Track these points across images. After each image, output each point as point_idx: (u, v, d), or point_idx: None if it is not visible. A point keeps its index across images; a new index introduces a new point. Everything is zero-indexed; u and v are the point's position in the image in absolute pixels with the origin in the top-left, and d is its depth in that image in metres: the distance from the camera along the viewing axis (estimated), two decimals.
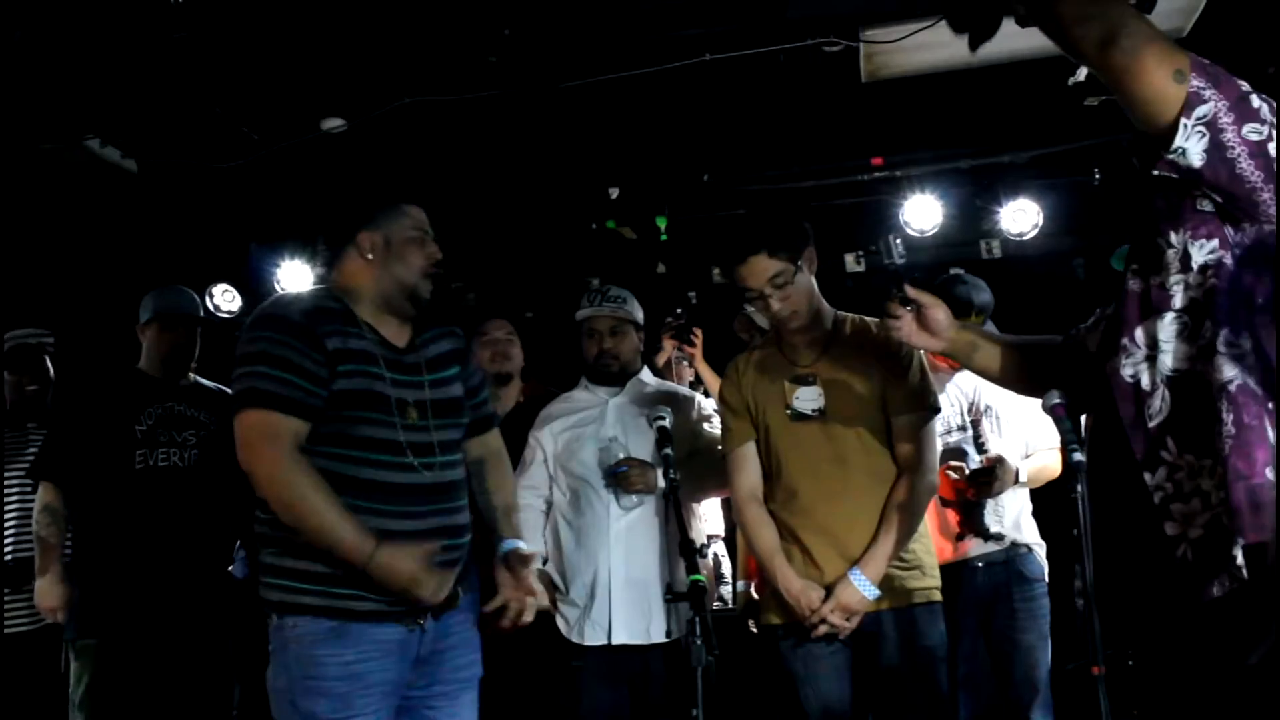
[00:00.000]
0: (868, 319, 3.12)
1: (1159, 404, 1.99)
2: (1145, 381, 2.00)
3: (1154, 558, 1.99)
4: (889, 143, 5.30)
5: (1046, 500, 3.80)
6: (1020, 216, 5.39)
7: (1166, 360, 1.97)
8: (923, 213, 5.38)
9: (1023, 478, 3.73)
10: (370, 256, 2.66)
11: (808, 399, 3.03)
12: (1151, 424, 1.99)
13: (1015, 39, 4.15)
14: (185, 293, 4.08)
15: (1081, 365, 2.30)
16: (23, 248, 5.28)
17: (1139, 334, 2.02)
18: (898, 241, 2.50)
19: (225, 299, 5.81)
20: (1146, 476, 1.99)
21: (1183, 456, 1.95)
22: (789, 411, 3.04)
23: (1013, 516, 3.76)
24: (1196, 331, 1.95)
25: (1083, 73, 4.49)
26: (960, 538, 3.73)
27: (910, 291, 2.44)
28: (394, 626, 2.50)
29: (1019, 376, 2.50)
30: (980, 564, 3.72)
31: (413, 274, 2.68)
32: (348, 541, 2.42)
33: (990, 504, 3.73)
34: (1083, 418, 3.30)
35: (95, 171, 4.86)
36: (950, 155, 5.35)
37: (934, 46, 4.12)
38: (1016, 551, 3.74)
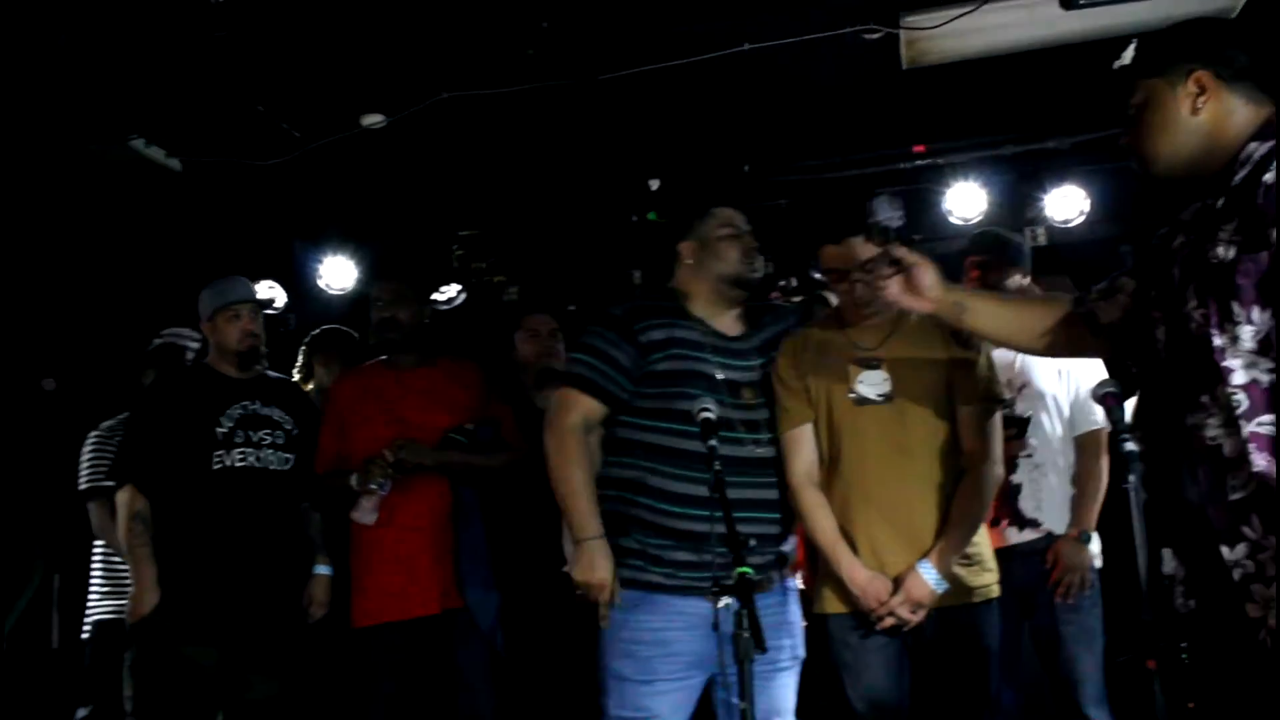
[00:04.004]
0: None
1: (1244, 478, 1.93)
2: (1228, 449, 1.95)
3: (1233, 634, 1.97)
4: (931, 130, 5.25)
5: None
6: (1066, 203, 5.32)
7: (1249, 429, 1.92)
8: (966, 201, 5.32)
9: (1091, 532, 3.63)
10: (691, 261, 3.06)
11: (873, 383, 2.96)
12: (1233, 496, 1.94)
13: (1059, 22, 4.12)
14: (239, 279, 4.02)
15: (1090, 336, 2.31)
16: (72, 247, 5.36)
17: (1219, 394, 1.97)
18: (886, 202, 2.57)
19: (270, 295, 5.86)
20: (1224, 550, 1.95)
21: (1267, 537, 1.89)
22: (852, 396, 2.97)
23: (1053, 503, 3.66)
24: (1251, 416, 1.91)
25: (1128, 55, 4.41)
26: (994, 523, 3.61)
27: (897, 251, 2.45)
28: (699, 600, 2.70)
29: (1018, 338, 2.49)
30: (1018, 553, 3.60)
31: (730, 265, 3.02)
32: (577, 515, 2.88)
33: (1028, 488, 3.65)
34: (1129, 404, 3.25)
35: (140, 171, 4.91)
36: (993, 142, 5.29)
37: (975, 32, 4.08)
38: (1056, 540, 3.64)
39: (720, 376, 2.96)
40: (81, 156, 4.73)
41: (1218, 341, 1.97)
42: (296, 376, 4.70)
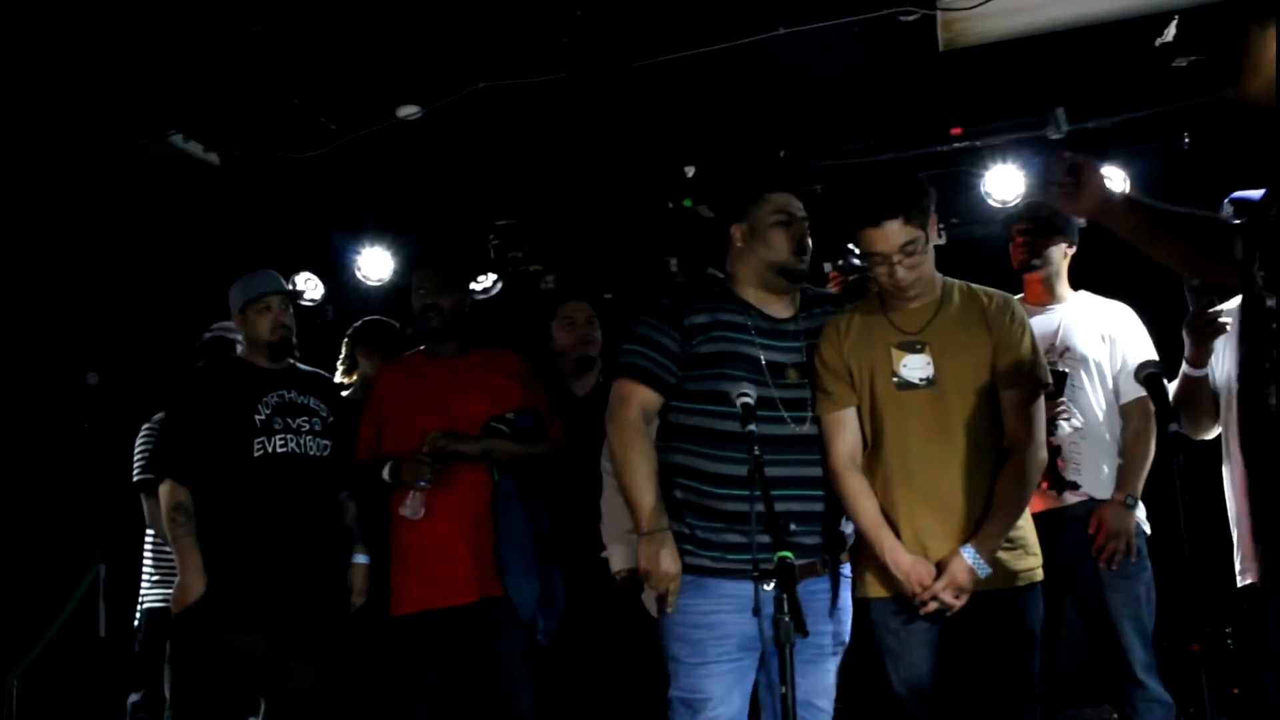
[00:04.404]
0: (975, 286, 3.05)
1: None
2: None
3: None
4: (968, 112, 5.19)
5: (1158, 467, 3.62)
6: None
7: None
8: (1005, 183, 5.26)
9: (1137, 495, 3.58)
10: (740, 245, 3.06)
11: (916, 367, 2.94)
12: None
13: (1096, 0, 4.06)
14: (268, 272, 4.04)
15: (1226, 263, 2.28)
16: (114, 243, 5.42)
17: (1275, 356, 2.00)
18: (1060, 113, 2.62)
19: (308, 286, 5.91)
20: None
21: None
22: (895, 379, 2.94)
23: (1095, 467, 3.61)
24: None
25: (1170, 32, 4.36)
26: None
27: (1073, 157, 2.49)
28: (745, 583, 2.76)
29: (1166, 256, 2.48)
30: (1059, 518, 3.55)
31: (778, 253, 3.02)
32: (641, 507, 2.90)
33: (1067, 450, 3.60)
34: (1172, 384, 3.20)
35: (179, 166, 4.96)
36: (1032, 124, 5.22)
37: (1012, 12, 4.04)
38: (1098, 505, 3.58)
39: (763, 358, 2.98)
40: (122, 152, 4.78)
41: (1270, 303, 2.03)
42: (340, 368, 4.73)
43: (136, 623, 4.60)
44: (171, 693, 3.83)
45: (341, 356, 4.79)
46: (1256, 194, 3.32)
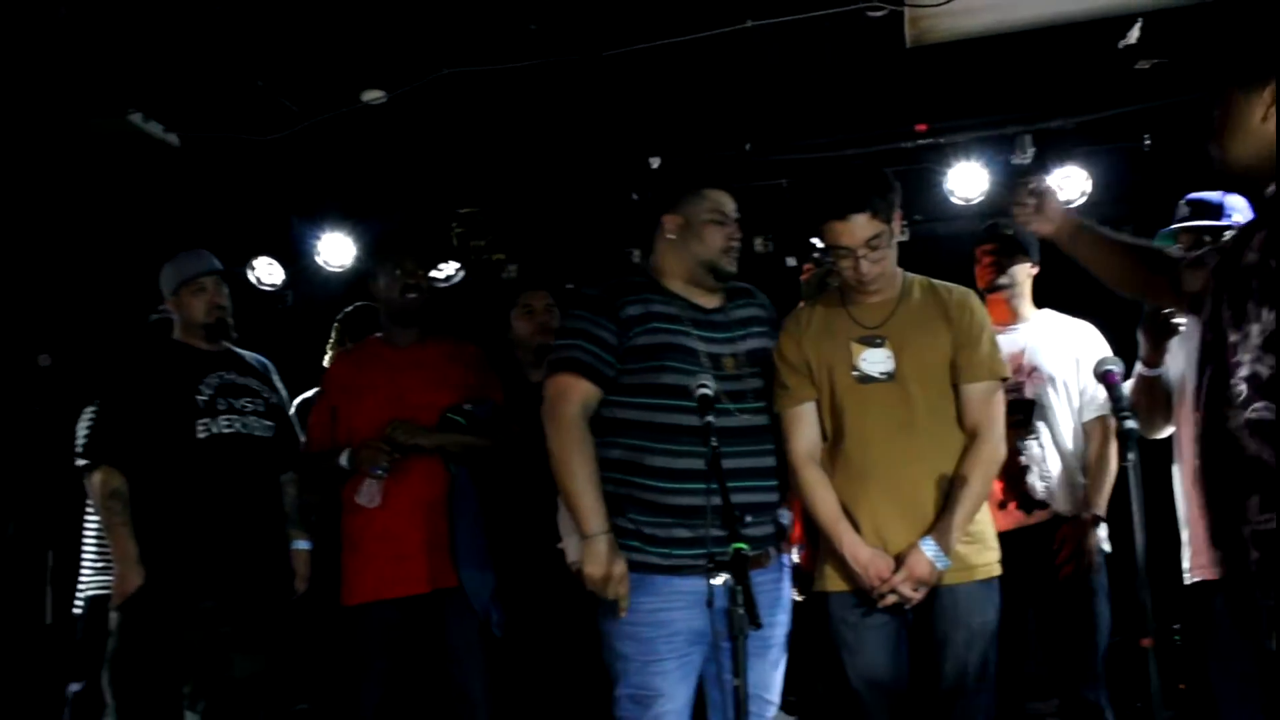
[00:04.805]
0: (935, 281, 3.06)
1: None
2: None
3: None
4: (934, 109, 5.22)
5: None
6: (1068, 184, 5.29)
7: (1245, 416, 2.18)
8: (968, 181, 5.29)
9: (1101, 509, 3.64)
10: (672, 237, 3.00)
11: (876, 361, 2.95)
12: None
13: (1062, 0, 4.09)
14: (201, 252, 3.95)
15: (1169, 291, 2.55)
16: (69, 222, 5.34)
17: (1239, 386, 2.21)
18: (1027, 139, 2.79)
19: (268, 271, 5.85)
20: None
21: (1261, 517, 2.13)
22: (855, 373, 2.95)
23: (1062, 485, 3.67)
24: (1248, 404, 2.16)
25: (1133, 35, 4.40)
26: (1002, 505, 3.64)
27: (1036, 181, 2.71)
28: (696, 579, 2.71)
29: (1105, 274, 2.68)
30: (1026, 535, 3.60)
31: (710, 251, 2.98)
32: (583, 509, 2.83)
33: (1036, 470, 3.66)
34: (1127, 385, 3.25)
35: (138, 146, 4.89)
36: (996, 122, 5.26)
37: (979, 10, 4.06)
38: (1064, 522, 3.64)
39: (701, 349, 2.94)
40: (79, 130, 4.71)
41: (1232, 338, 2.22)
42: (329, 354, 4.67)
43: (78, 610, 4.49)
44: (112, 690, 3.71)
45: (331, 342, 4.72)
46: (1214, 196, 3.40)
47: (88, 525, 4.50)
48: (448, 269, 5.93)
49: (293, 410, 4.16)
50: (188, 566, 3.60)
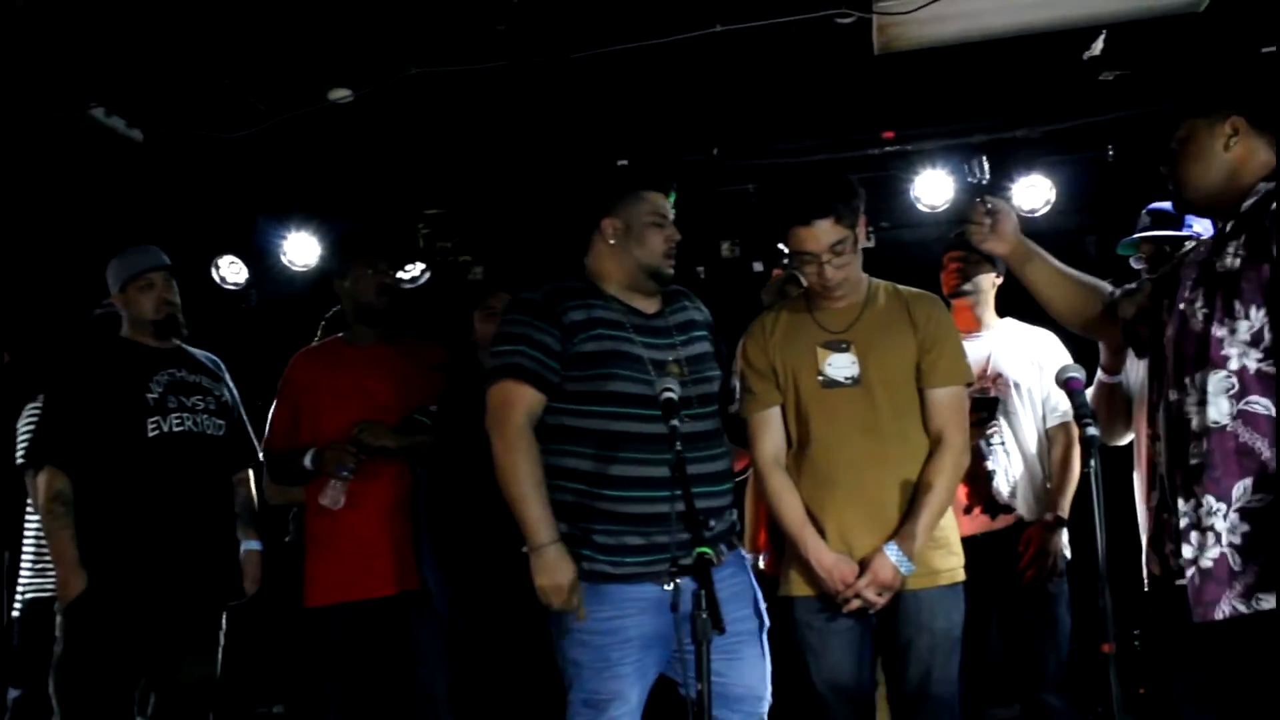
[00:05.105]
0: (901, 287, 3.07)
1: (1201, 448, 2.42)
2: (1195, 424, 2.44)
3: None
4: (901, 117, 5.24)
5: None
6: (1032, 192, 5.33)
7: (1211, 413, 2.41)
8: (934, 188, 5.32)
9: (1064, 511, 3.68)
10: (613, 241, 2.95)
11: (841, 366, 2.95)
12: (1192, 461, 2.44)
13: (1029, 10, 4.14)
14: (149, 247, 3.88)
15: (1109, 322, 2.76)
16: (28, 218, 5.26)
17: (1197, 378, 2.45)
18: (983, 160, 2.85)
19: (232, 270, 5.80)
20: (1179, 503, 2.46)
21: (1206, 497, 2.40)
22: (820, 378, 2.95)
23: (1027, 490, 3.70)
24: (1241, 396, 2.39)
25: (1098, 46, 4.45)
26: (968, 510, 3.66)
27: (992, 201, 2.82)
28: (649, 586, 2.73)
29: (1057, 302, 2.83)
30: (991, 540, 3.64)
31: (652, 256, 2.94)
32: (530, 520, 2.76)
33: (1001, 476, 3.69)
34: (1088, 391, 3.29)
35: (100, 141, 4.82)
36: (962, 130, 5.29)
37: (947, 19, 4.09)
38: (1028, 525, 3.67)
39: (645, 355, 2.89)
40: (39, 125, 4.64)
41: (1218, 333, 2.43)
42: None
43: (15, 613, 4.34)
44: (59, 697, 3.62)
45: (317, 338, 4.67)
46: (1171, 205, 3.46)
47: (27, 526, 4.38)
48: (414, 270, 5.91)
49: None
50: (137, 569, 3.54)
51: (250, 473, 3.97)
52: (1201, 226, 3.49)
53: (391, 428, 3.72)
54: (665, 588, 2.55)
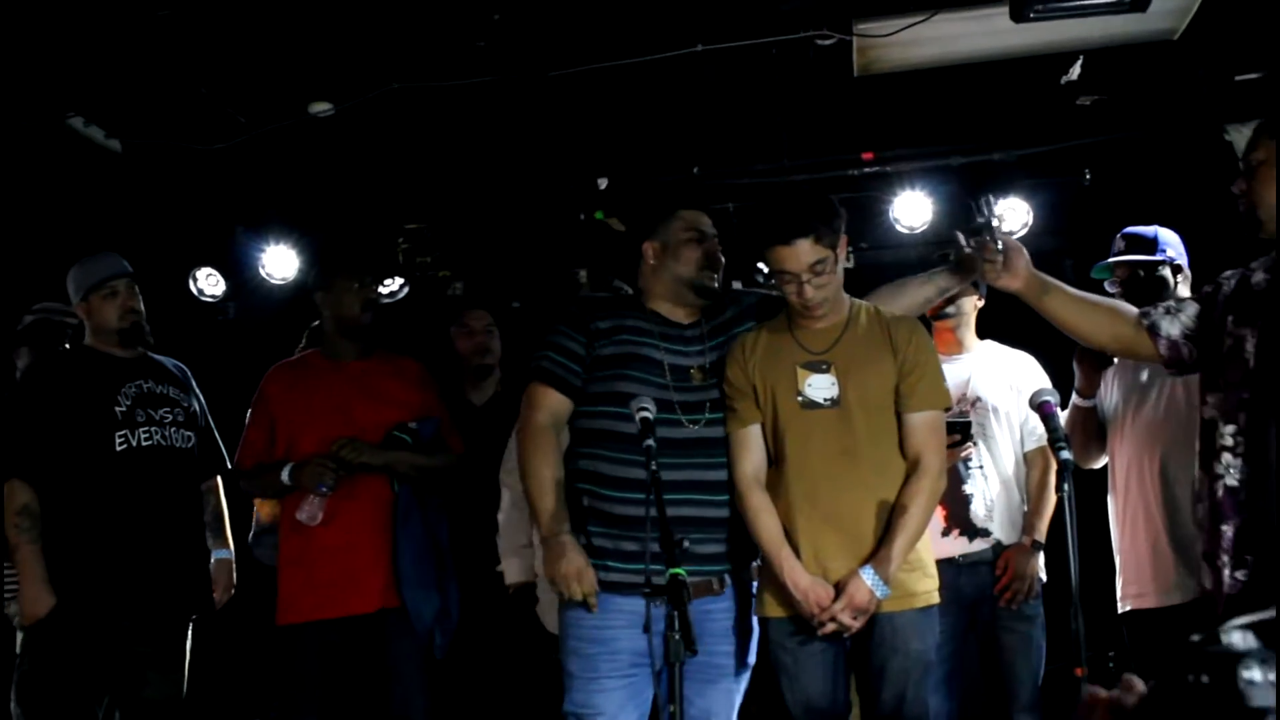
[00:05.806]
0: (882, 309, 3.07)
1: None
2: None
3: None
4: (880, 138, 5.27)
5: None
6: (1010, 215, 5.37)
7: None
8: (912, 209, 5.34)
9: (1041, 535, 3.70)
10: (653, 262, 3.07)
11: (820, 387, 2.94)
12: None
13: (1009, 35, 4.17)
14: (110, 254, 3.82)
15: (1150, 342, 2.71)
16: (2, 228, 5.23)
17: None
18: (993, 198, 2.91)
19: (209, 283, 5.75)
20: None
21: None
22: (799, 399, 2.94)
23: (1004, 514, 3.71)
24: None
25: (1075, 71, 4.49)
26: (945, 533, 3.68)
27: (1003, 239, 2.81)
28: (635, 599, 2.73)
29: (1084, 328, 2.81)
30: (968, 563, 3.66)
31: (690, 269, 3.04)
32: (542, 512, 2.90)
33: (979, 498, 3.70)
34: (1063, 415, 3.31)
35: (78, 151, 4.80)
36: (941, 152, 5.33)
37: (927, 42, 4.11)
38: (1005, 549, 3.68)
39: (664, 359, 2.99)
40: (17, 134, 4.61)
41: (1248, 347, 2.48)
42: None
43: None
44: (22, 712, 3.54)
45: (300, 348, 4.64)
46: (1148, 230, 3.49)
47: None
48: (393, 284, 5.89)
49: None
50: (105, 585, 3.50)
51: (220, 481, 3.94)
52: (1175, 252, 3.52)
53: (372, 444, 3.70)
54: (655, 604, 2.57)
